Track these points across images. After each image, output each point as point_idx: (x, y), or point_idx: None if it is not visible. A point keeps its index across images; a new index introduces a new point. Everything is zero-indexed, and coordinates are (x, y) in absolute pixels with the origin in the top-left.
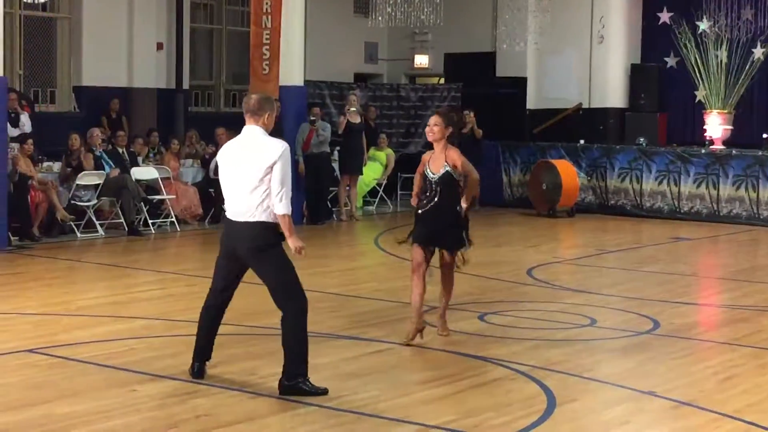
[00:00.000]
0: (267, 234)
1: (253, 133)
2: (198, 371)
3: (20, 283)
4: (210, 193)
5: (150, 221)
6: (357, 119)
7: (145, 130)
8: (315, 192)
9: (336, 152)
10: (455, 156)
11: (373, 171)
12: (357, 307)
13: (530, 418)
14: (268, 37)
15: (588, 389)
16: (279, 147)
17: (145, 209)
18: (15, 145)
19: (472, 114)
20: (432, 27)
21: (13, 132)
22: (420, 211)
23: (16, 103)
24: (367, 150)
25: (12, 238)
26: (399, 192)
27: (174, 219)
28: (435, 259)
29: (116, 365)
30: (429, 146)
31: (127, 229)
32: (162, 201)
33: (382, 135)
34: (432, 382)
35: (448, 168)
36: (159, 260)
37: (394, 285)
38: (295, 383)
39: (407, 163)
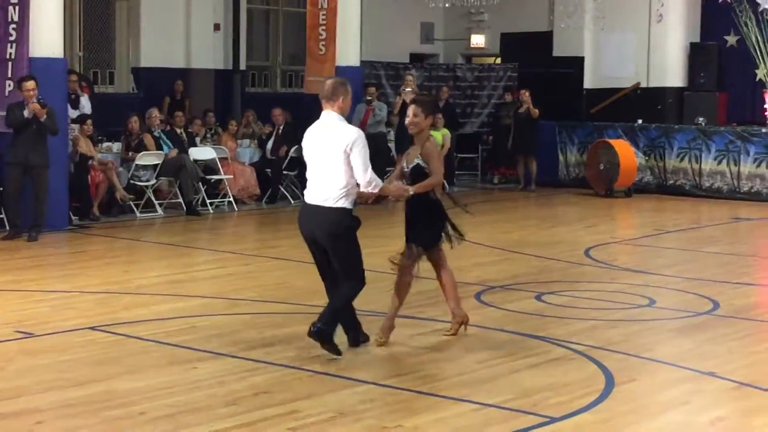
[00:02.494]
0: (343, 220)
1: (329, 119)
2: (352, 340)
3: (81, 262)
4: (267, 173)
5: (208, 201)
6: None
7: (203, 110)
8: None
9: (392, 132)
10: (430, 149)
11: None
12: (414, 287)
13: (588, 398)
14: (324, 17)
15: (647, 369)
16: (353, 132)
17: (203, 189)
18: (75, 126)
19: (528, 94)
20: (488, 6)
21: (73, 113)
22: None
23: (77, 84)
24: None
25: (72, 217)
26: (456, 171)
27: (231, 199)
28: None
29: (177, 343)
30: (487, 126)
31: (185, 208)
32: (219, 181)
33: (438, 115)
34: (489, 361)
35: (419, 161)
36: (217, 240)
37: (451, 264)
38: (325, 331)
39: (463, 143)
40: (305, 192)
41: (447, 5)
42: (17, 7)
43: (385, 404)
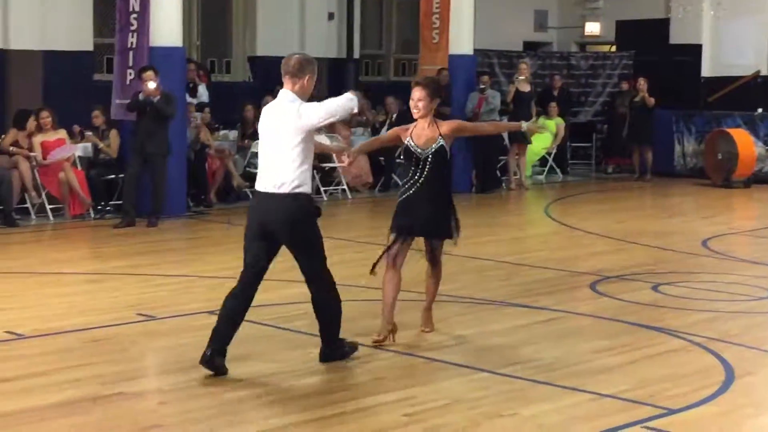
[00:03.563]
0: (303, 206)
1: (285, 98)
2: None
3: (199, 248)
4: (380, 161)
5: (322, 188)
6: (527, 88)
7: (317, 99)
8: (484, 161)
9: (505, 121)
10: (448, 126)
11: (543, 140)
12: (528, 276)
13: (707, 390)
14: (438, 5)
15: (767, 362)
16: (300, 104)
17: (317, 177)
18: (198, 115)
19: (644, 82)
20: None
21: (191, 101)
22: (402, 197)
23: (195, 73)
24: (537, 118)
25: (190, 203)
26: (569, 161)
27: (345, 187)
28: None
29: (293, 328)
30: (601, 114)
31: None
32: (333, 169)
33: (552, 103)
34: (606, 352)
35: (442, 142)
36: (331, 227)
37: (566, 254)
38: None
39: (577, 132)
40: (257, 179)
41: None
42: None
43: (500, 392)
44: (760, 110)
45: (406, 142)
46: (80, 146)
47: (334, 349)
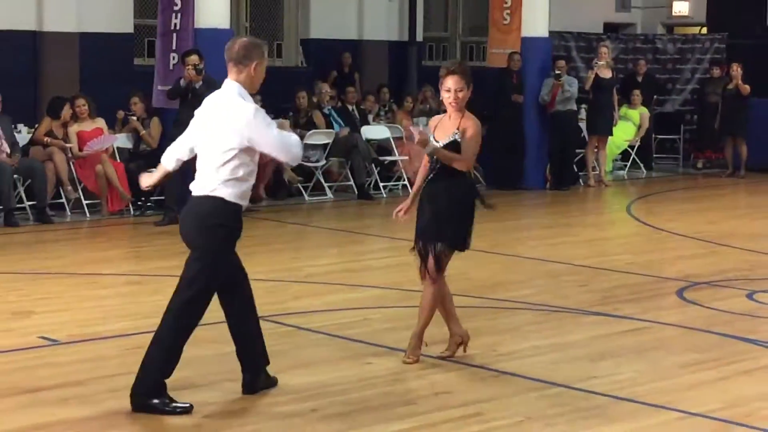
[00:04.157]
0: (215, 212)
1: (226, 91)
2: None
3: (248, 247)
4: None
5: (381, 184)
6: (608, 74)
7: (376, 85)
8: (560, 154)
9: (583, 110)
10: (475, 127)
11: (625, 131)
12: (609, 281)
13: None
14: None
15: None
16: (248, 110)
17: (375, 171)
18: None
19: (738, 68)
20: None
21: None
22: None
23: None
24: (619, 107)
25: None
26: (654, 155)
27: (406, 182)
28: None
29: (350, 336)
30: (690, 103)
31: (357, 191)
32: (394, 162)
33: (635, 91)
34: (695, 366)
35: (456, 136)
36: (391, 226)
37: (651, 258)
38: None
39: (664, 123)
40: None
41: None
42: None
43: (577, 409)
44: None
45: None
46: (119, 137)
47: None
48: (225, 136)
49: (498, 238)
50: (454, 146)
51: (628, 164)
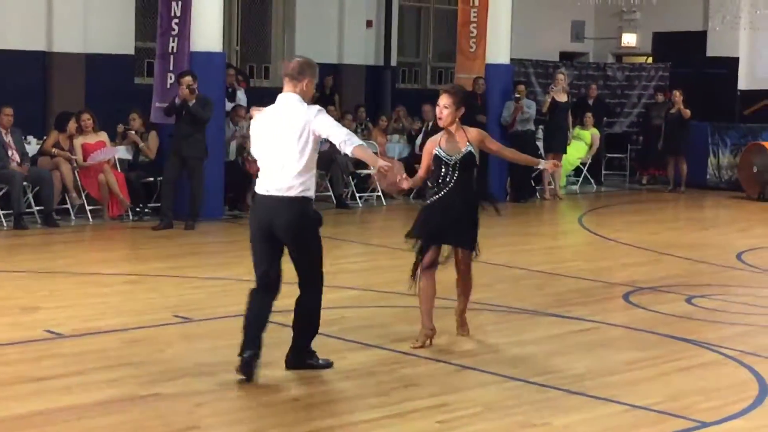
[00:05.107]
0: (306, 211)
1: (288, 100)
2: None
3: (237, 251)
4: (415, 168)
5: (357, 195)
6: (563, 98)
7: (354, 105)
8: (519, 170)
9: (541, 131)
10: (476, 133)
11: (578, 150)
12: (562, 286)
13: (741, 404)
14: (475, 14)
15: None
16: (313, 108)
17: (352, 183)
18: (245, 125)
19: (679, 94)
20: (641, 5)
21: (228, 106)
22: (429, 201)
23: (234, 78)
24: (573, 128)
25: (225, 207)
26: (604, 172)
27: (380, 193)
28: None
29: (328, 333)
30: (636, 125)
31: (335, 201)
32: (369, 175)
33: (588, 114)
34: (639, 363)
35: (470, 147)
36: (366, 233)
37: (600, 265)
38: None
39: (612, 143)
40: (258, 182)
41: (599, 3)
42: (180, 2)
43: (533, 401)
44: None
45: (435, 151)
46: (120, 148)
47: (300, 357)
48: (298, 135)
49: None
50: (470, 156)
51: (580, 180)
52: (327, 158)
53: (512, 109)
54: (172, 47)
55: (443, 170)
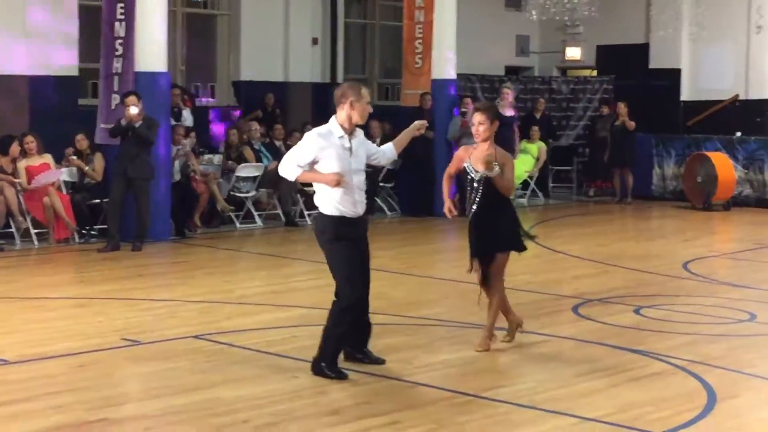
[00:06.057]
0: (319, 225)
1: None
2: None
3: (184, 272)
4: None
5: (306, 212)
6: (509, 112)
7: (301, 123)
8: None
9: None
10: (509, 160)
11: (525, 163)
12: (511, 299)
13: (690, 414)
14: (420, 31)
15: (751, 386)
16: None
17: (301, 200)
18: (187, 141)
19: (624, 106)
20: (584, 19)
21: (180, 125)
22: (470, 220)
23: (179, 98)
24: (520, 142)
25: (174, 228)
26: (551, 184)
27: None
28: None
29: (278, 352)
30: (582, 138)
31: (284, 219)
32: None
33: (534, 127)
34: (589, 375)
35: (496, 167)
36: (315, 250)
37: (548, 277)
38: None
39: (559, 156)
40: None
41: (543, 18)
42: (123, 23)
43: (484, 416)
44: (738, 134)
45: (465, 164)
46: (65, 170)
47: (319, 364)
48: None
49: (413, 260)
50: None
51: (528, 193)
52: (276, 177)
53: (459, 125)
54: (117, 68)
55: (469, 184)
